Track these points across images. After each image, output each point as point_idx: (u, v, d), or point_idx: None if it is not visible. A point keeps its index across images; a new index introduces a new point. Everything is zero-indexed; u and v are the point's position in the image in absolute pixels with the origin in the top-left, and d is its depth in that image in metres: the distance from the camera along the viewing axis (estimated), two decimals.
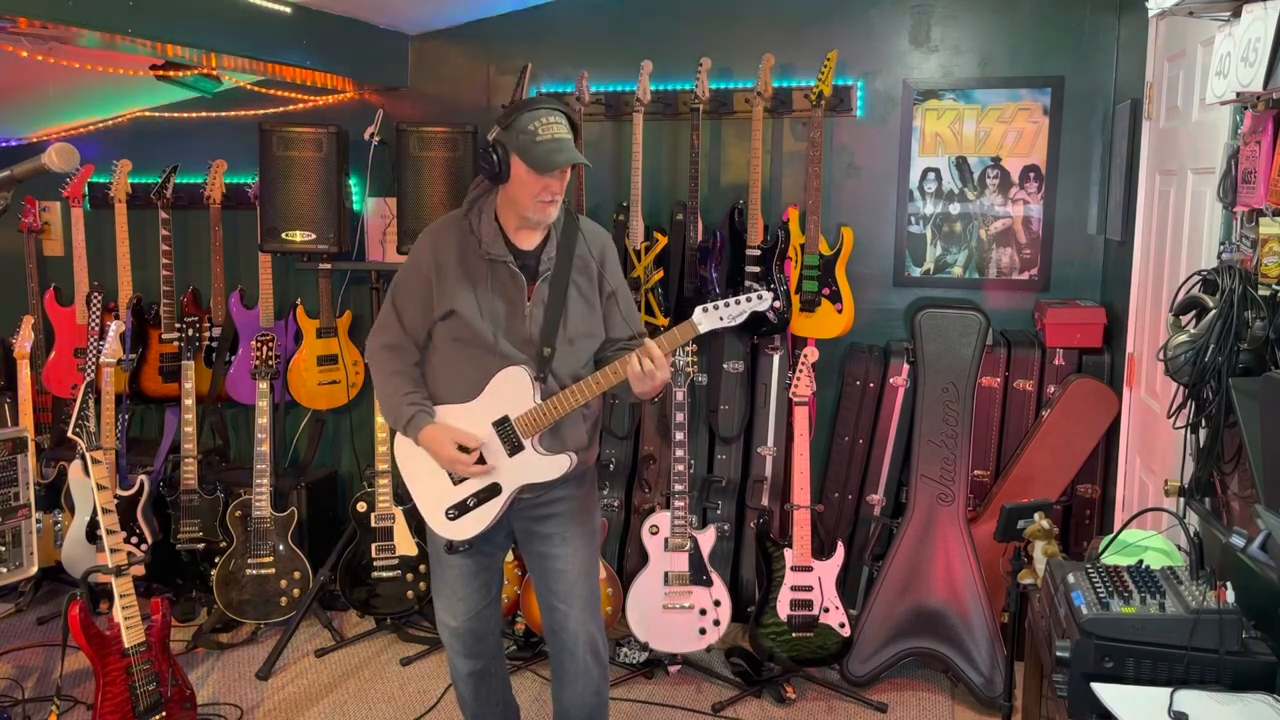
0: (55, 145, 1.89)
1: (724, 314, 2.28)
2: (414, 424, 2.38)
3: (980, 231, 3.83)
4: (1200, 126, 2.54)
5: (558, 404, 2.32)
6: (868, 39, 3.83)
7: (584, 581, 2.51)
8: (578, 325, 2.40)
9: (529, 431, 2.35)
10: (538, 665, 3.55)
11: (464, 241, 2.39)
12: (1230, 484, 2.12)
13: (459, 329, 2.37)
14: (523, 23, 4.08)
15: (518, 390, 2.34)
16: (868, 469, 3.80)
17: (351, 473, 4.45)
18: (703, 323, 2.29)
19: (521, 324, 2.37)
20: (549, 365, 2.36)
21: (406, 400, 2.40)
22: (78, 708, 3.30)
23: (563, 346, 2.38)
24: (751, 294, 2.30)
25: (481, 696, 2.66)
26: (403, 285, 2.46)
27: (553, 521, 2.49)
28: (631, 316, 2.53)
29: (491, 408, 2.36)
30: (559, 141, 2.25)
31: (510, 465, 2.38)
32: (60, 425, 4.35)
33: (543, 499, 2.47)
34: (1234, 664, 1.65)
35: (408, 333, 2.44)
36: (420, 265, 2.42)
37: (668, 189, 4.01)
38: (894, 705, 3.34)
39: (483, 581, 2.56)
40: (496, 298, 2.36)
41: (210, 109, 4.34)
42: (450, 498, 2.42)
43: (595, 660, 2.53)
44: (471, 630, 2.57)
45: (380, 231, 4.22)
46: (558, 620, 2.52)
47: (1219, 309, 2.00)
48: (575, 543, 2.50)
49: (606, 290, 2.46)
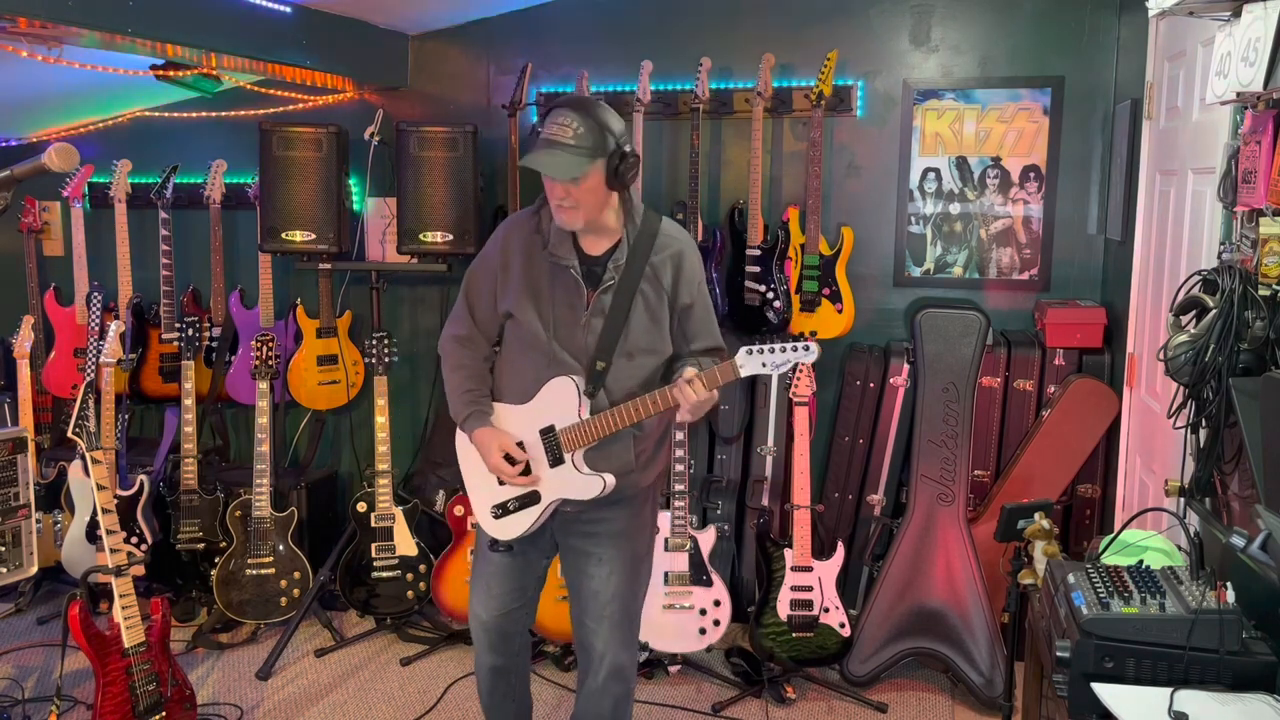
0: (55, 145, 1.89)
1: (767, 361, 2.18)
2: (470, 423, 2.38)
3: (980, 231, 3.83)
4: (1200, 126, 2.54)
5: (603, 422, 2.26)
6: (868, 39, 3.83)
7: (615, 604, 2.45)
8: (639, 339, 2.31)
9: (572, 445, 2.30)
10: (538, 664, 3.55)
11: (530, 240, 2.33)
12: (1230, 484, 2.12)
13: (519, 330, 2.35)
14: (523, 23, 4.08)
15: (565, 401, 2.29)
16: (868, 469, 3.80)
17: (351, 473, 4.44)
18: (745, 366, 2.19)
19: (579, 333, 2.30)
20: (602, 379, 2.29)
21: (466, 398, 2.39)
22: (78, 708, 3.30)
23: (620, 360, 2.30)
24: (799, 345, 2.19)
25: (499, 692, 2.64)
26: (475, 277, 2.42)
27: (593, 540, 2.43)
28: (709, 329, 2.41)
29: (540, 415, 2.33)
30: (547, 143, 2.16)
31: (551, 476, 2.34)
32: (60, 425, 4.35)
33: (587, 515, 2.41)
34: (1234, 664, 1.65)
35: (479, 325, 2.42)
36: (490, 257, 2.39)
37: (668, 189, 4.01)
38: (894, 705, 3.34)
39: (519, 584, 2.52)
40: (558, 303, 2.30)
41: (210, 109, 4.33)
42: (496, 497, 2.40)
43: (617, 681, 2.49)
44: (500, 628, 2.54)
45: (380, 231, 4.22)
46: (584, 636, 2.50)
47: (1219, 309, 2.00)
48: (613, 565, 2.43)
49: (681, 304, 2.34)
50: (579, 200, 2.20)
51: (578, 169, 2.16)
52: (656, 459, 2.47)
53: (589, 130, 2.16)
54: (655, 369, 2.36)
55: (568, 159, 2.16)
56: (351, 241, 4.08)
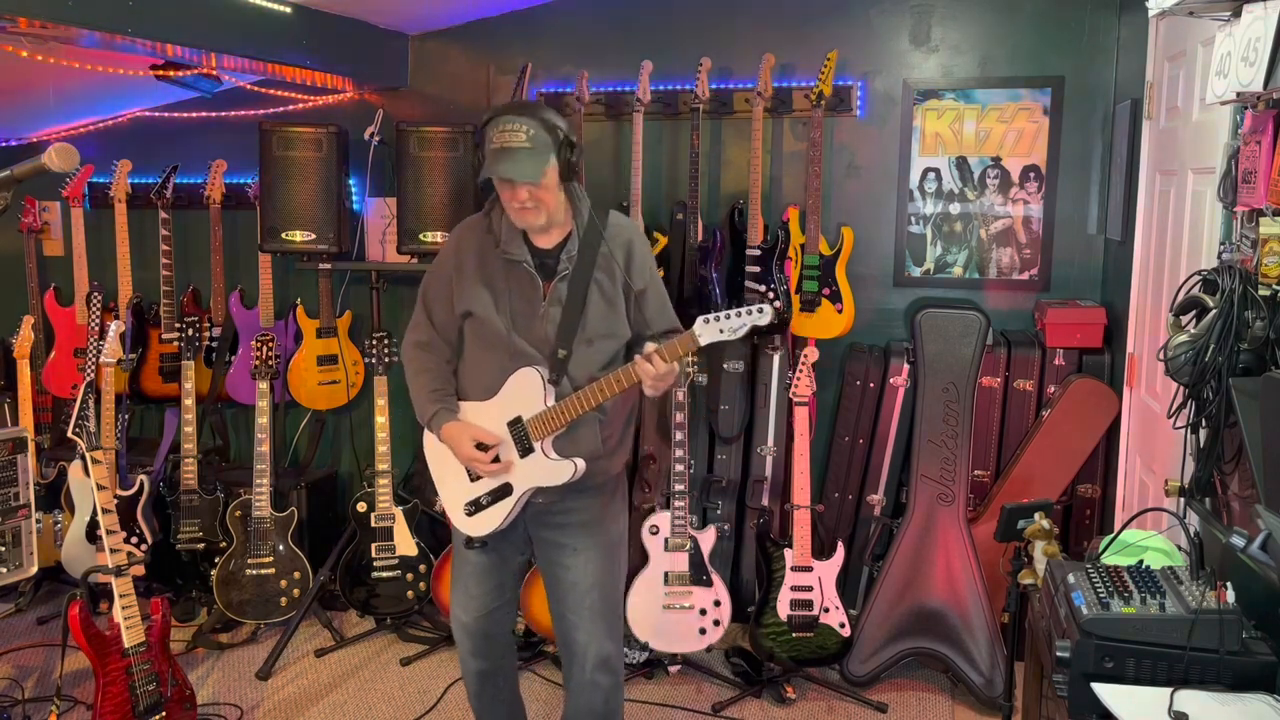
0: (55, 145, 1.89)
1: (724, 326, 2.21)
2: (436, 420, 2.41)
3: (980, 231, 3.83)
4: (1200, 126, 2.54)
5: (568, 407, 2.30)
6: (868, 39, 3.83)
7: (595, 593, 2.47)
8: (597, 325, 2.37)
9: (540, 433, 2.34)
10: (538, 665, 3.56)
11: (483, 240, 2.40)
12: (1230, 484, 2.12)
13: (479, 328, 2.39)
14: (523, 23, 4.08)
15: (530, 391, 2.34)
16: (868, 469, 3.80)
17: (351, 473, 4.45)
18: (703, 335, 2.22)
19: (538, 324, 2.36)
20: (564, 367, 2.34)
21: (432, 397, 2.43)
22: (78, 708, 3.30)
23: (580, 348, 2.36)
24: (753, 308, 2.23)
25: (488, 695, 2.66)
26: (430, 283, 2.49)
27: (566, 531, 2.47)
28: (664, 312, 2.48)
29: (506, 408, 2.37)
30: (504, 151, 2.22)
31: (522, 466, 2.38)
32: (60, 425, 4.35)
33: (559, 506, 2.45)
34: (1234, 664, 1.65)
35: (438, 330, 2.47)
36: (444, 263, 2.46)
37: (668, 189, 4.01)
38: (894, 705, 3.34)
39: (497, 582, 2.55)
40: (514, 297, 2.36)
41: (210, 109, 4.34)
42: (468, 494, 2.45)
43: (604, 672, 2.50)
44: (482, 629, 2.57)
45: (380, 231, 4.22)
46: (566, 630, 2.51)
47: (1219, 309, 2.00)
48: (589, 554, 2.46)
49: (635, 288, 2.40)
50: (540, 199, 2.28)
51: (540, 168, 2.24)
52: (623, 445, 2.52)
53: (539, 130, 2.24)
54: (615, 354, 2.42)
55: (530, 162, 2.23)
56: (351, 241, 4.09)
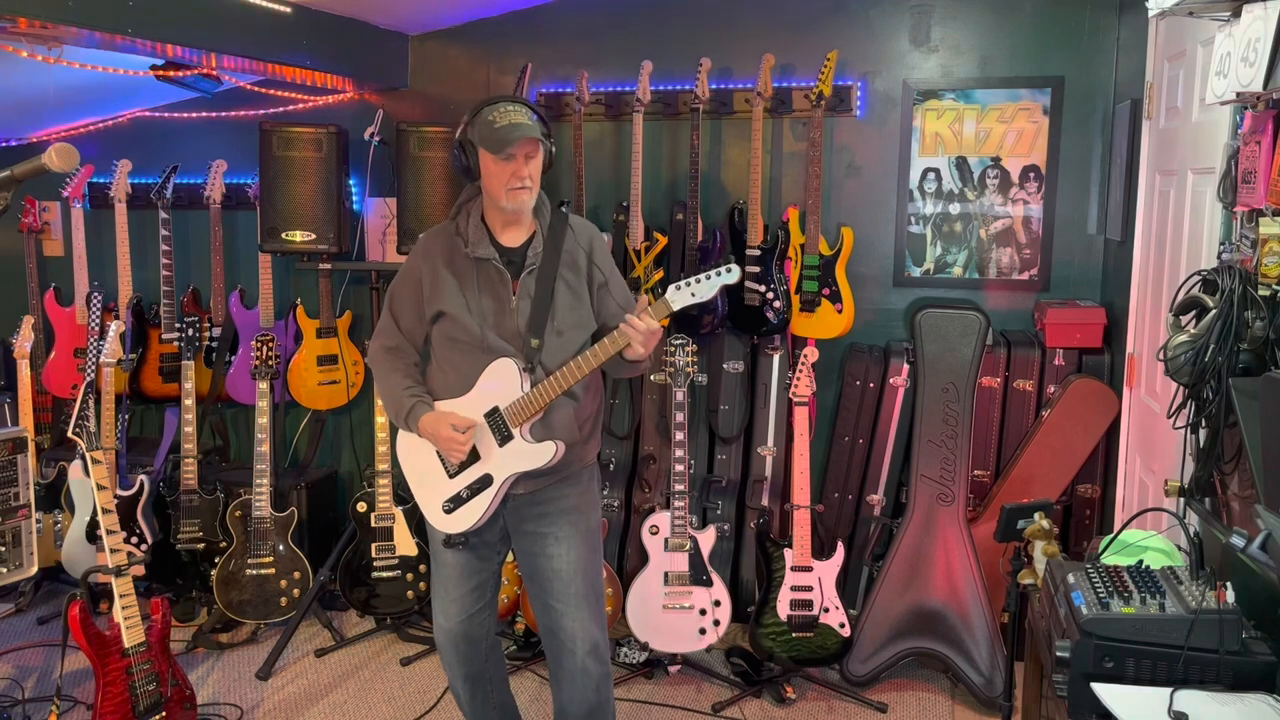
0: (55, 145, 1.88)
1: (695, 290, 2.29)
2: (413, 414, 2.45)
3: (980, 231, 3.83)
4: (1200, 126, 2.54)
5: (545, 389, 2.37)
6: (868, 39, 3.83)
7: (580, 580, 2.50)
8: (566, 317, 2.44)
9: (518, 420, 2.39)
10: (538, 665, 3.56)
11: (451, 244, 2.48)
12: (1230, 484, 2.12)
13: (451, 328, 2.45)
14: (523, 23, 4.08)
15: (507, 381, 2.40)
16: (868, 469, 3.80)
17: (351, 473, 4.45)
18: (676, 300, 2.31)
19: (509, 318, 2.42)
20: (537, 356, 2.40)
21: (407, 393, 2.48)
22: (78, 708, 3.30)
23: (551, 338, 2.42)
24: (721, 268, 2.30)
25: (478, 700, 2.67)
26: (397, 292, 2.56)
27: (547, 520, 2.50)
28: (628, 303, 2.54)
29: (482, 400, 2.42)
30: (513, 126, 2.32)
31: (501, 455, 2.42)
32: (60, 425, 4.36)
33: (538, 497, 2.49)
34: (1234, 664, 1.65)
35: (405, 335, 2.54)
36: (412, 270, 2.53)
37: (668, 189, 4.01)
38: (894, 705, 3.34)
39: (477, 583, 2.58)
40: (484, 295, 2.43)
41: (210, 109, 4.34)
42: (446, 491, 2.47)
43: (594, 659, 2.52)
44: (465, 633, 2.58)
45: (380, 231, 4.23)
46: (554, 620, 2.52)
47: (1219, 309, 2.00)
48: (570, 542, 2.50)
49: (597, 281, 2.50)
50: (534, 178, 2.39)
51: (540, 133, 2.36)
52: (595, 435, 2.58)
53: (533, 115, 2.38)
54: (584, 344, 2.47)
55: (535, 128, 2.35)
56: (351, 241, 4.09)
